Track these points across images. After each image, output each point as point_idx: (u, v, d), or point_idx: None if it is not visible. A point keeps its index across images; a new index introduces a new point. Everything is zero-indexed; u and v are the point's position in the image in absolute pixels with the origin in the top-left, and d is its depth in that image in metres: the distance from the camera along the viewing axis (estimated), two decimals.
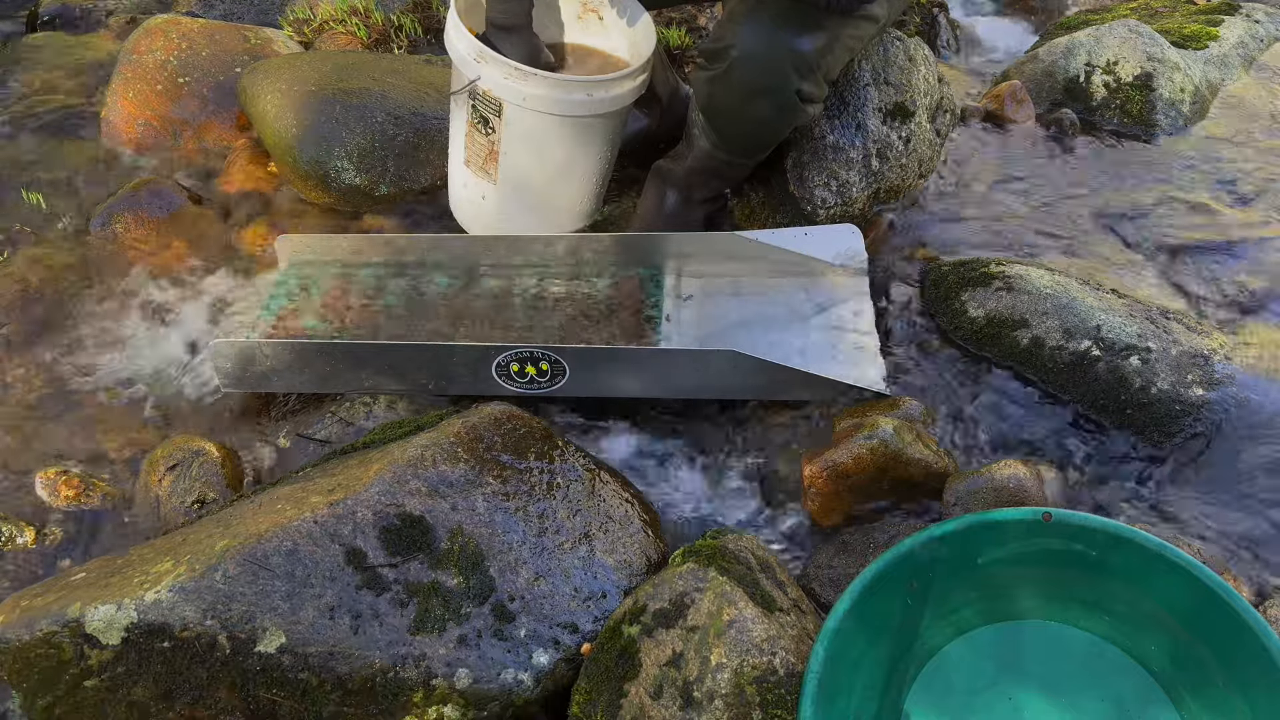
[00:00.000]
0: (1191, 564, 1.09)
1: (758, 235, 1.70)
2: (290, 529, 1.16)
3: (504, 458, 1.34)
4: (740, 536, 1.25)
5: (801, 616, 1.17)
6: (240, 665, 1.08)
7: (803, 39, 1.52)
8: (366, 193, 2.01)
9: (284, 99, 2.04)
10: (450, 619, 1.16)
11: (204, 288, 1.85)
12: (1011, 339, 1.60)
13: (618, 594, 1.25)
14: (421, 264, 1.75)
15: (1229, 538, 1.38)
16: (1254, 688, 1.04)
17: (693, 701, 1.05)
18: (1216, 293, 1.80)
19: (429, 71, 2.20)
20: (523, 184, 1.74)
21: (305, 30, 2.56)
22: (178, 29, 2.29)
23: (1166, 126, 2.25)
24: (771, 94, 1.56)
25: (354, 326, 1.63)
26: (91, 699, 1.08)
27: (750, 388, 1.52)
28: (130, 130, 2.22)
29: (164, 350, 1.73)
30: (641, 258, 1.73)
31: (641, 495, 1.43)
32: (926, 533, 1.14)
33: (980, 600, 1.18)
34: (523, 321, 1.63)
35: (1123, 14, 2.64)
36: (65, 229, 2.01)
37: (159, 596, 1.08)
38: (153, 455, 1.52)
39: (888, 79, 1.81)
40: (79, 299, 1.84)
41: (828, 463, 1.39)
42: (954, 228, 1.95)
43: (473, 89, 1.62)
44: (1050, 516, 1.13)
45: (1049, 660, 1.15)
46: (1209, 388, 1.48)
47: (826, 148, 1.78)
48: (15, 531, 1.45)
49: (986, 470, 1.36)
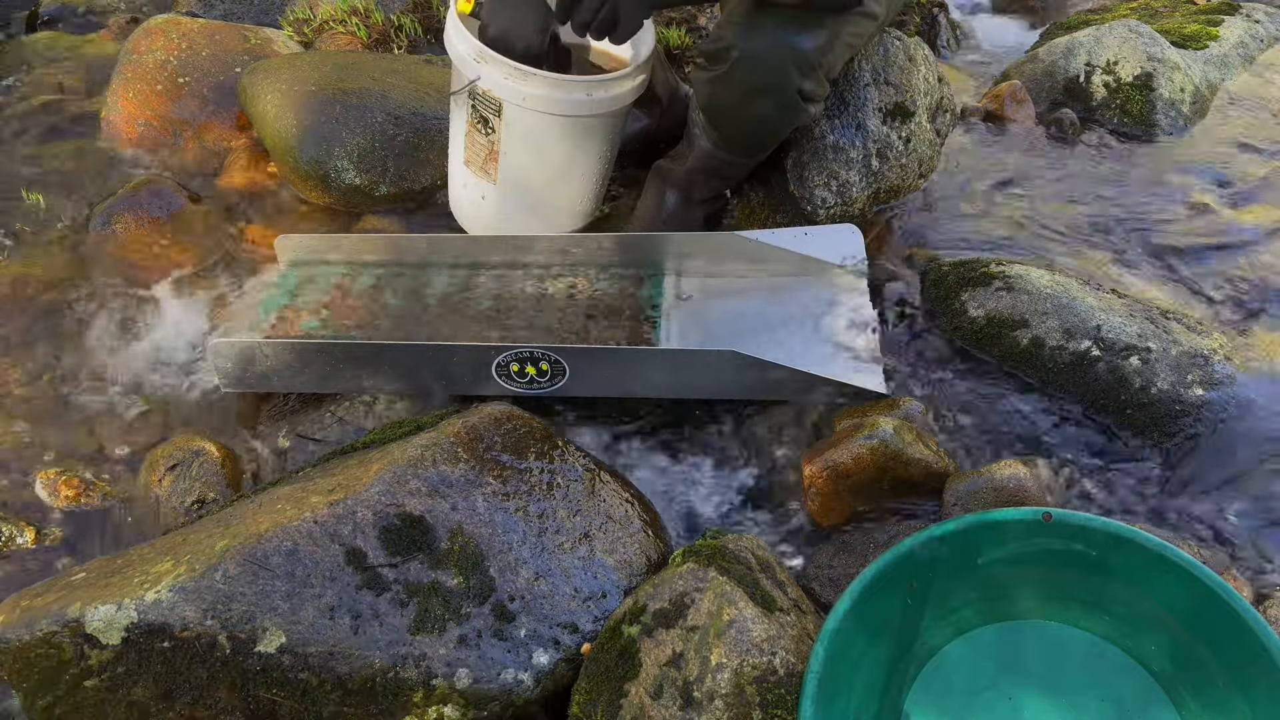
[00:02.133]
0: (1191, 564, 1.09)
1: (758, 235, 1.70)
2: (290, 529, 1.16)
3: (504, 458, 1.34)
4: (740, 536, 1.25)
5: (801, 616, 1.17)
6: (240, 665, 1.08)
7: (803, 37, 1.52)
8: (366, 193, 2.01)
9: (284, 99, 2.04)
10: (450, 619, 1.16)
11: (204, 288, 1.85)
12: (1011, 339, 1.60)
13: (618, 594, 1.25)
14: (421, 264, 1.75)
15: (1229, 538, 1.38)
16: (1254, 688, 1.04)
17: (693, 701, 1.05)
18: (1216, 293, 1.80)
19: (429, 71, 2.20)
20: (522, 184, 1.74)
21: (305, 30, 2.56)
22: (178, 29, 2.29)
23: (1166, 126, 2.25)
24: (773, 93, 1.56)
25: (354, 326, 1.63)
26: (91, 699, 1.08)
27: (750, 388, 1.52)
28: (130, 130, 2.22)
29: (164, 350, 1.73)
30: (641, 258, 1.73)
31: (641, 495, 1.43)
32: (926, 533, 1.14)
33: (980, 600, 1.18)
34: (523, 321, 1.63)
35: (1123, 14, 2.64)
36: (65, 229, 2.01)
37: (159, 596, 1.08)
38: (153, 455, 1.52)
39: (888, 79, 1.81)
40: (79, 299, 1.84)
41: (828, 463, 1.39)
42: (954, 228, 1.95)
43: (472, 89, 1.62)
44: (1050, 516, 1.13)
45: (1049, 660, 1.15)
46: (1209, 388, 1.48)
47: (826, 148, 1.78)
48: (15, 531, 1.45)
49: (986, 470, 1.36)
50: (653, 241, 1.72)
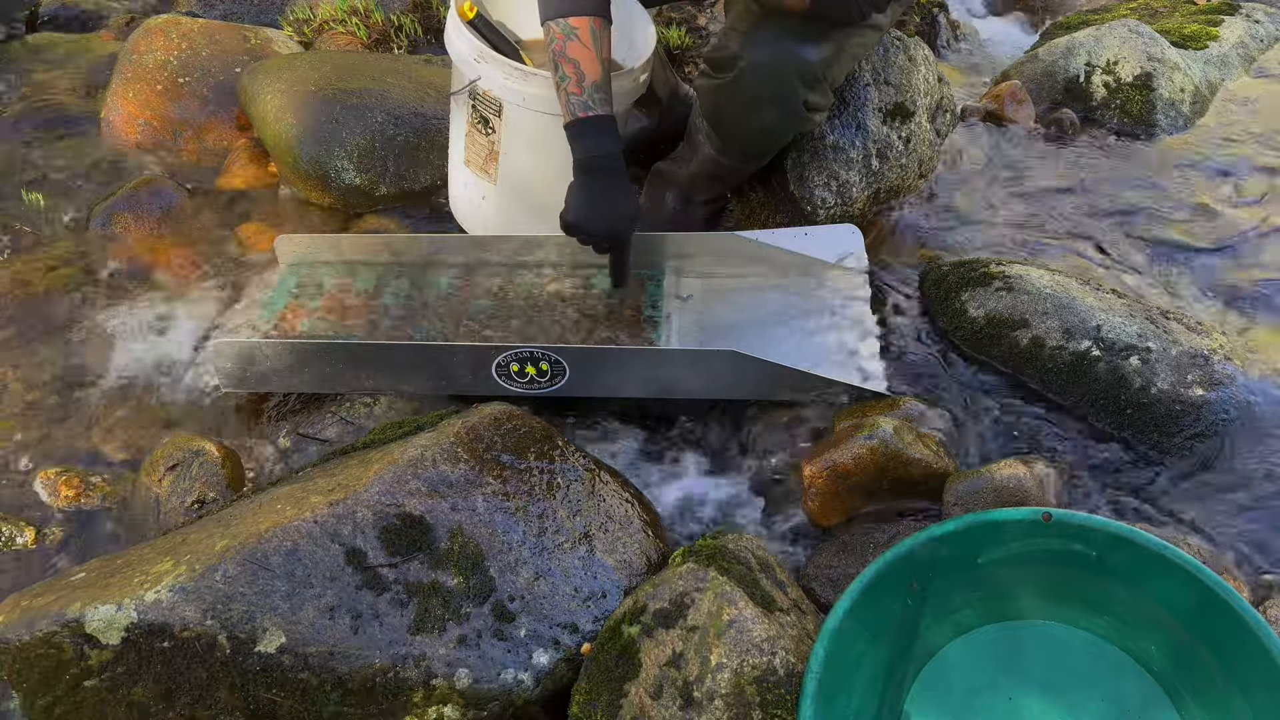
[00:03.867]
0: (1191, 564, 1.09)
1: (758, 235, 1.70)
2: (290, 529, 1.16)
3: (504, 458, 1.34)
4: (740, 536, 1.25)
5: (801, 616, 1.17)
6: (240, 665, 1.08)
7: (809, 49, 1.52)
8: (366, 193, 2.01)
9: (284, 99, 2.04)
10: (450, 619, 1.16)
11: (204, 287, 1.85)
12: (1011, 339, 1.60)
13: (618, 594, 1.25)
14: (421, 264, 1.75)
15: (1229, 538, 1.38)
16: (1254, 688, 1.04)
17: (693, 701, 1.05)
18: (1216, 292, 1.80)
19: (429, 71, 2.20)
20: (522, 184, 1.74)
21: (305, 30, 2.57)
22: (178, 29, 2.29)
23: (1166, 126, 2.25)
24: (778, 104, 1.56)
25: (354, 326, 1.63)
26: (91, 699, 1.08)
27: (750, 388, 1.52)
28: (130, 130, 2.22)
29: (164, 350, 1.73)
30: (641, 258, 1.73)
31: (641, 495, 1.43)
32: (926, 533, 1.14)
33: (980, 600, 1.17)
34: (523, 321, 1.63)
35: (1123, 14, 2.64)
36: (65, 229, 2.01)
37: (159, 596, 1.08)
38: (153, 455, 1.52)
39: (888, 79, 1.81)
40: (79, 299, 1.84)
41: (828, 463, 1.39)
42: (954, 228, 1.96)
43: (473, 89, 1.62)
44: (1050, 516, 1.13)
45: (1049, 660, 1.15)
46: (1209, 388, 1.48)
47: (826, 148, 1.78)
48: (15, 531, 1.45)
49: (986, 470, 1.36)
50: (653, 241, 1.72)
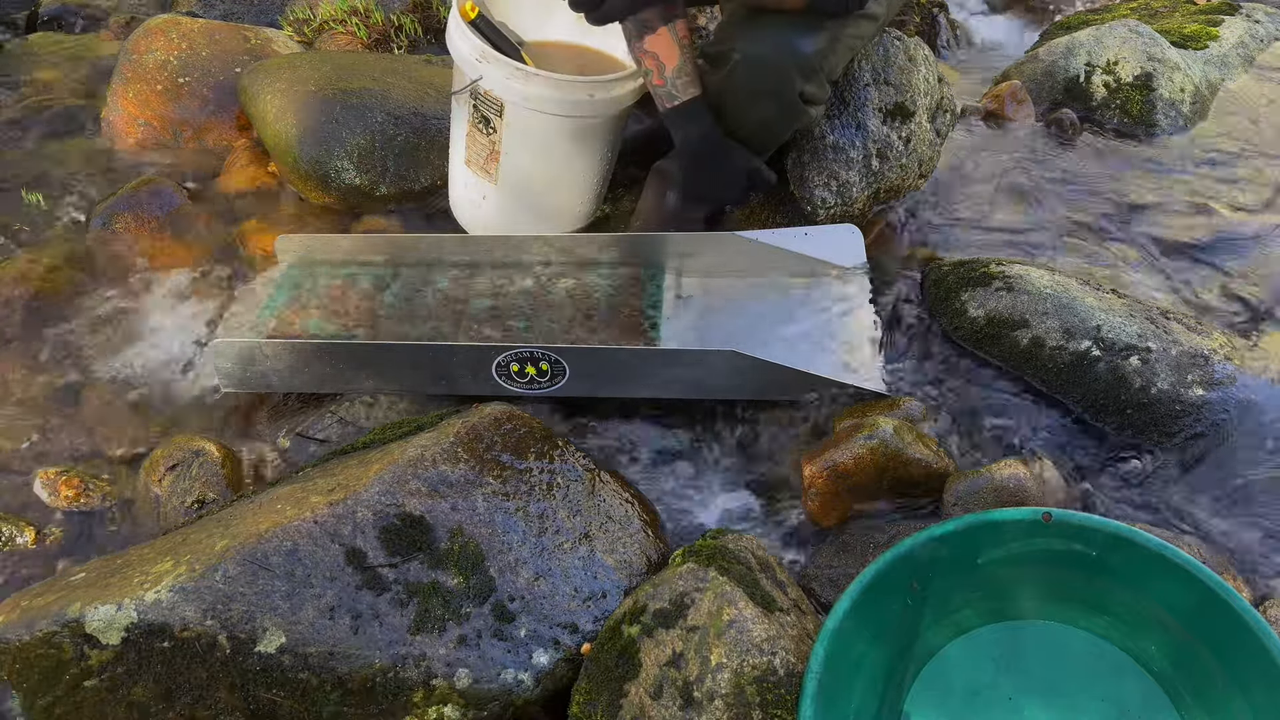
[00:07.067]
0: (1191, 564, 1.09)
1: (758, 235, 1.70)
2: (290, 529, 1.16)
3: (504, 458, 1.34)
4: (740, 536, 1.25)
5: (801, 616, 1.17)
6: (240, 665, 1.08)
7: (804, 40, 1.52)
8: (366, 193, 2.01)
9: (284, 99, 2.04)
10: (450, 619, 1.16)
11: (204, 288, 1.85)
12: (1011, 339, 1.60)
13: (618, 594, 1.25)
14: (421, 264, 1.75)
15: (1229, 538, 1.38)
16: (1254, 688, 1.04)
17: (693, 701, 1.05)
18: (1216, 292, 1.80)
19: (429, 71, 2.20)
20: (523, 184, 1.74)
21: (305, 30, 2.56)
22: (178, 29, 2.29)
23: (1166, 126, 2.25)
24: (775, 96, 1.56)
25: (354, 326, 1.63)
26: (91, 699, 1.08)
27: (750, 388, 1.52)
28: (130, 130, 2.22)
29: (164, 350, 1.73)
30: (641, 258, 1.73)
31: (641, 495, 1.43)
32: (926, 533, 1.14)
33: (980, 600, 1.18)
34: (523, 322, 1.63)
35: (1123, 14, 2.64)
36: (65, 229, 2.01)
37: (159, 596, 1.08)
38: (153, 455, 1.52)
39: (888, 79, 1.81)
40: (79, 299, 1.84)
41: (828, 463, 1.39)
42: (954, 228, 1.95)
43: (474, 89, 1.62)
44: (1050, 516, 1.13)
45: (1049, 660, 1.15)
46: (1209, 388, 1.48)
47: (826, 148, 1.77)
48: (15, 531, 1.45)
49: (986, 470, 1.36)
50: (653, 241, 1.72)
